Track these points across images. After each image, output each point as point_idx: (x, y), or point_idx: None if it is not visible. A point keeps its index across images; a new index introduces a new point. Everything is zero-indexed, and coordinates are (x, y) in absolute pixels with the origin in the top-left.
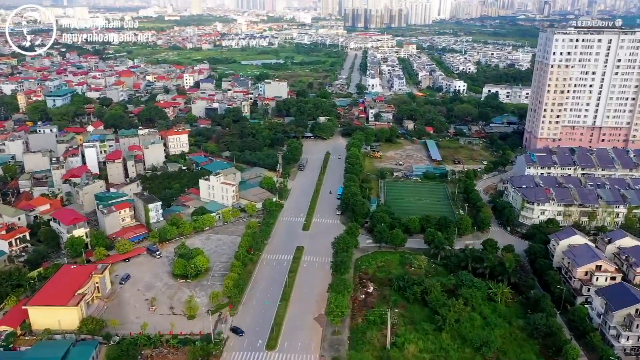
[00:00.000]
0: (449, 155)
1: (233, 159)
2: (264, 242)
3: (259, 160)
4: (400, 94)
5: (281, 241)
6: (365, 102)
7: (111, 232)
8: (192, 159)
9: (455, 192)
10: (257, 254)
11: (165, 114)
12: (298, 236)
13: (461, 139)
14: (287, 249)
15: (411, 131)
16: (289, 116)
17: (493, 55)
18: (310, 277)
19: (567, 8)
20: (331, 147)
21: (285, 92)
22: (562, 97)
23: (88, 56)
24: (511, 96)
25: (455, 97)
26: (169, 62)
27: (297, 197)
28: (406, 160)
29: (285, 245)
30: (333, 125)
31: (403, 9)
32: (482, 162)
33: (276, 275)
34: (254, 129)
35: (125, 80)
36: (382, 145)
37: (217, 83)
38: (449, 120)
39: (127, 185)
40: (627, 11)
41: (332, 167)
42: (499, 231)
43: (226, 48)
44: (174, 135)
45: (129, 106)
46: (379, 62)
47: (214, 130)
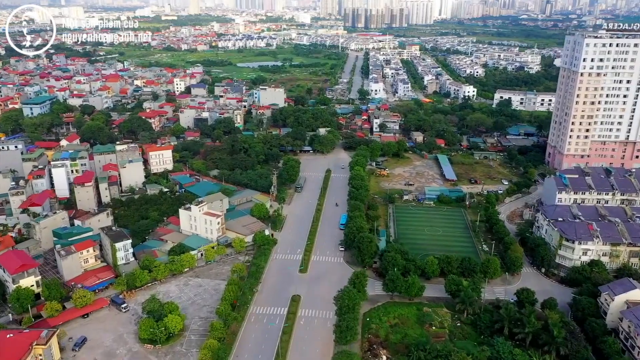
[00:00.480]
0: (463, 173)
1: (222, 179)
2: (252, 290)
3: (250, 182)
4: (405, 100)
5: (273, 288)
6: (368, 111)
7: (70, 277)
8: (175, 179)
9: (477, 222)
10: (244, 308)
11: (149, 125)
12: (294, 280)
13: (476, 153)
14: (280, 300)
15: (420, 144)
16: (285, 127)
17: (500, 57)
18: (308, 341)
19: (568, 8)
20: (332, 162)
21: (282, 99)
22: (592, 108)
23: (76, 58)
24: (525, 103)
25: (466, 104)
26: (161, 64)
27: (294, 227)
28: (416, 179)
29: (279, 294)
30: (334, 138)
31: (404, 8)
32: (502, 181)
33: (266, 339)
34: (246, 143)
35: (111, 86)
36: (388, 160)
37: (210, 88)
38: (460, 132)
39: (95, 215)
40: (629, 11)
41: (333, 187)
42: (533, 274)
43: (222, 49)
44: (156, 151)
45: (113, 114)
46: (382, 64)
47: (202, 143)
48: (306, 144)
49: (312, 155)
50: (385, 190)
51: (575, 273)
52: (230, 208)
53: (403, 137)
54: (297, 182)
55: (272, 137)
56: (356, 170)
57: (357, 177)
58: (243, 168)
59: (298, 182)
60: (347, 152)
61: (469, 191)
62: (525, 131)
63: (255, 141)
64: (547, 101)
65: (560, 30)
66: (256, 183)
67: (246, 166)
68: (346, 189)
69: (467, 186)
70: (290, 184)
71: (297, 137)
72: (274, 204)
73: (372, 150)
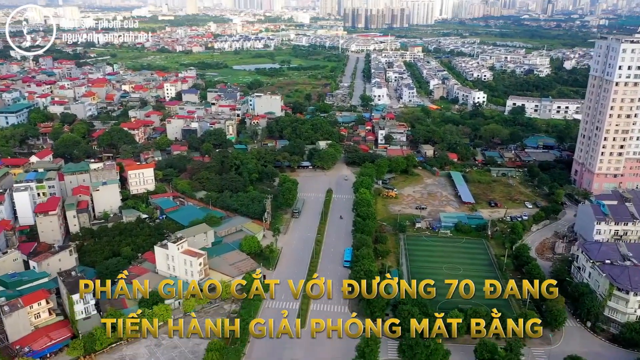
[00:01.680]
0: (481, 194)
1: (209, 203)
2: (239, 355)
3: (241, 207)
4: (411, 106)
5: (265, 351)
6: (372, 120)
7: (16, 337)
8: (155, 202)
9: (502, 258)
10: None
11: (132, 137)
12: (290, 340)
13: (492, 169)
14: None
15: (431, 159)
16: (282, 138)
17: (507, 59)
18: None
19: (569, 7)
20: (334, 180)
21: (278, 107)
22: (628, 122)
23: (63, 61)
24: (540, 110)
25: (477, 111)
26: (153, 67)
27: (290, 265)
28: (429, 201)
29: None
30: (336, 153)
31: (405, 8)
32: (525, 204)
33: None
34: (238, 159)
35: (96, 91)
36: (396, 177)
37: (203, 93)
38: (473, 144)
39: (55, 254)
40: (630, 10)
41: (335, 211)
42: (576, 329)
43: (218, 51)
44: (136, 170)
45: (97, 123)
46: (384, 67)
47: (189, 159)
48: (305, 158)
49: (312, 172)
50: (394, 215)
51: (631, 331)
52: (217, 241)
53: (411, 150)
54: (294, 205)
55: (267, 152)
56: (361, 193)
57: (363, 202)
58: (233, 190)
59: (295, 206)
60: (350, 168)
61: (489, 216)
62: (544, 143)
63: (248, 157)
64: (564, 108)
65: (564, 31)
66: (248, 208)
67: (237, 188)
68: (350, 213)
69: (486, 210)
70: (286, 209)
71: (294, 152)
72: (268, 233)
73: (379, 167)
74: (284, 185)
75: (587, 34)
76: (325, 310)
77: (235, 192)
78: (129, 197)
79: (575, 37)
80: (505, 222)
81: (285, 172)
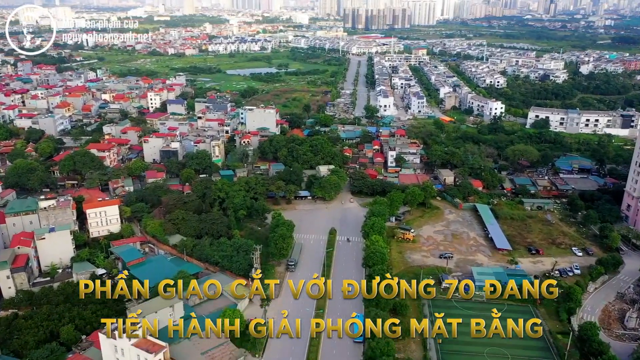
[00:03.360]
0: (516, 235)
1: (184, 251)
2: None
3: (223, 259)
4: (421, 118)
5: None
6: (380, 138)
7: None
8: (116, 252)
9: (561, 339)
10: None
11: (99, 162)
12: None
13: (525, 200)
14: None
15: (451, 188)
16: (277, 161)
17: (518, 63)
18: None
19: (570, 7)
20: (338, 216)
21: (273, 121)
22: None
23: (43, 66)
24: (566, 123)
25: (496, 125)
26: (142, 72)
27: (283, 349)
28: (454, 245)
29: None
30: (340, 180)
31: (407, 8)
32: (573, 250)
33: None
34: (223, 191)
35: (72, 101)
36: (411, 211)
37: (190, 103)
38: (498, 166)
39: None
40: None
41: (340, 261)
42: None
43: (213, 54)
44: (96, 208)
45: (67, 140)
46: (389, 72)
47: (166, 189)
48: (303, 187)
49: (311, 204)
50: (413, 269)
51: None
52: (187, 314)
53: (426, 174)
54: (289, 255)
55: (258, 181)
56: (373, 241)
57: (376, 256)
58: (214, 235)
59: (291, 257)
60: (357, 199)
61: (531, 267)
62: (580, 165)
63: (234, 188)
64: (593, 121)
65: (570, 32)
66: (231, 262)
67: (219, 231)
68: (359, 267)
69: (527, 260)
70: (280, 260)
71: (290, 179)
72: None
73: (392, 201)
74: (276, 230)
75: (594, 35)
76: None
77: (216, 237)
78: (87, 243)
79: (583, 38)
80: (554, 278)
81: (280, 204)
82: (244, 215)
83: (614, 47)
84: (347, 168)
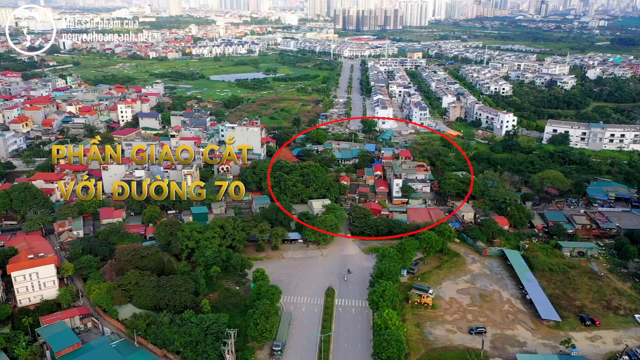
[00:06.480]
0: (560, 296)
1: (134, 334)
2: None
3: (186, 348)
4: (424, 132)
5: None
6: (383, 162)
7: None
8: (44, 336)
9: None
10: None
11: (44, 198)
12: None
13: (563, 245)
14: None
15: (472, 227)
16: (261, 191)
17: (521, 67)
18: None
19: (560, 8)
20: (336, 268)
21: (257, 140)
22: None
23: (8, 72)
24: (589, 139)
25: (510, 141)
26: (118, 78)
27: None
28: (485, 312)
29: None
30: (337, 220)
31: (398, 9)
32: (636, 318)
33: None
34: (192, 239)
35: (32, 115)
36: (426, 261)
37: (165, 115)
38: (522, 196)
39: None
40: (622, 10)
41: (341, 340)
42: None
43: (197, 57)
44: (24, 269)
45: (18, 164)
46: (385, 79)
47: (123, 235)
48: (292, 226)
49: (302, 250)
50: (436, 352)
51: None
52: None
53: (439, 207)
54: (274, 337)
55: (237, 224)
56: (386, 319)
57: (389, 345)
58: (176, 309)
59: (276, 337)
60: (357, 244)
61: (588, 346)
62: (617, 193)
63: (207, 234)
64: (619, 137)
65: (565, 33)
66: (195, 352)
67: (182, 303)
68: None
69: (581, 334)
70: (260, 344)
71: (277, 220)
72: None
73: (404, 251)
74: (258, 305)
75: (591, 37)
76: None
77: (179, 310)
78: (12, 317)
79: (580, 39)
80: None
81: (264, 251)
82: (218, 273)
83: (614, 49)
84: (344, 199)
